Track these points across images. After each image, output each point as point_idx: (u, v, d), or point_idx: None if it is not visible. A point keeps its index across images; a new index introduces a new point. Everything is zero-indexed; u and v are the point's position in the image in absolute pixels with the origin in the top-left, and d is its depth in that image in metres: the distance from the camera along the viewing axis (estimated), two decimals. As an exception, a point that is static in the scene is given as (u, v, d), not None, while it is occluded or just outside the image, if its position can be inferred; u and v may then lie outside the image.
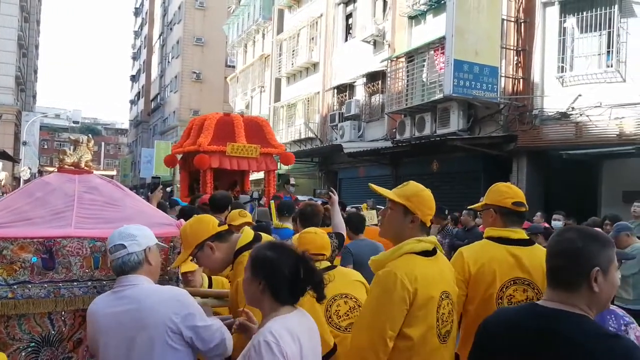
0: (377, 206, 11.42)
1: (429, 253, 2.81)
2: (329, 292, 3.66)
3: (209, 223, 3.21)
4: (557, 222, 9.74)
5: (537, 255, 3.13)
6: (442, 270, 2.86)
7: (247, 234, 3.32)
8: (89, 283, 3.02)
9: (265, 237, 3.55)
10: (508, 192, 3.28)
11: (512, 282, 3.08)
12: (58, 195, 3.27)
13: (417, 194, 2.87)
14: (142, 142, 63.85)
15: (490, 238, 3.28)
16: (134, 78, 78.07)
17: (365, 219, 6.29)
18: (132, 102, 78.19)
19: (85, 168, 3.53)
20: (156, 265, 2.79)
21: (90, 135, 4.43)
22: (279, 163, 13.73)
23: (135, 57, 78.50)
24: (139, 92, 71.49)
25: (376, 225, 8.66)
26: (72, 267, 2.97)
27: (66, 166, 3.49)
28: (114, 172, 52.79)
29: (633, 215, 8.83)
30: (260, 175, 16.08)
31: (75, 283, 2.98)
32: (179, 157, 12.88)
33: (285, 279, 2.30)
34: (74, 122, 42.90)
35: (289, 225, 6.36)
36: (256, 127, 12.46)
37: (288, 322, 2.24)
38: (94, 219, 3.23)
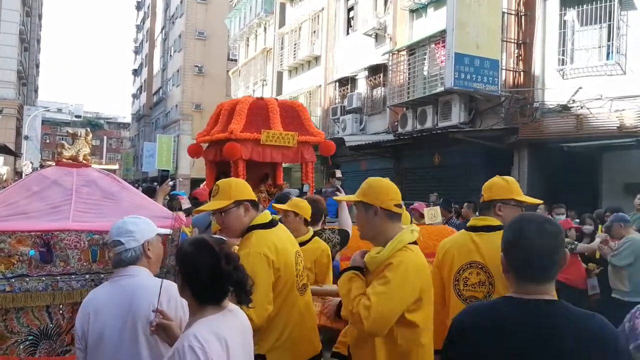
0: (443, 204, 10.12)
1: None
2: None
3: (250, 189, 3.34)
4: (560, 216, 9.64)
5: (493, 240, 3.21)
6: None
7: (266, 215, 3.37)
8: (87, 276, 3.04)
9: (281, 226, 3.56)
10: (484, 188, 3.54)
11: (468, 266, 3.35)
12: (56, 189, 3.30)
13: (371, 186, 2.94)
14: (144, 136, 63.84)
15: (466, 228, 3.56)
16: (136, 72, 78.03)
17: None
18: (134, 96, 78.17)
19: (83, 162, 3.55)
20: (156, 257, 2.80)
21: (89, 128, 4.44)
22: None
23: (137, 51, 78.44)
24: (141, 86, 71.47)
25: (439, 223, 7.95)
26: (70, 260, 3.00)
27: (64, 160, 3.50)
28: (116, 167, 52.92)
29: (636, 207, 8.84)
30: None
31: (74, 276, 3.00)
32: (204, 146, 11.44)
33: (204, 278, 2.20)
34: (76, 116, 43.02)
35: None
36: (293, 113, 11.11)
37: (214, 325, 2.16)
38: (91, 212, 3.25)
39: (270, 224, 3.32)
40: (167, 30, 56.41)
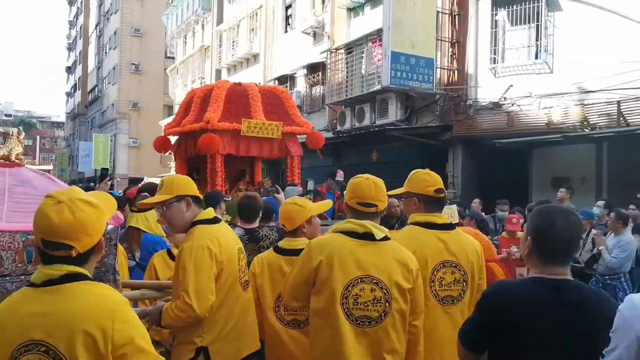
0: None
1: (359, 235, 3.04)
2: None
3: (194, 186, 3.42)
4: (504, 213, 9.83)
5: (460, 239, 3.39)
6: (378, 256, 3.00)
7: (209, 211, 3.44)
8: (22, 277, 2.99)
9: (223, 224, 3.61)
10: (429, 181, 3.44)
11: (441, 265, 3.28)
12: (-13, 189, 3.24)
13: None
14: (79, 135, 62.15)
15: (416, 223, 3.43)
16: (69, 69, 75.75)
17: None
18: (69, 95, 75.90)
19: (16, 161, 3.50)
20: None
21: (20, 127, 4.37)
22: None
23: (70, 48, 76.13)
24: (75, 84, 69.49)
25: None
26: (3, 262, 2.95)
27: (-5, 160, 3.45)
28: (50, 167, 51.29)
29: (557, 200, 9.34)
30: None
31: (8, 278, 2.95)
32: (173, 139, 10.25)
33: None
34: (6, 115, 41.55)
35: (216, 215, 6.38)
36: (275, 100, 9.81)
37: None
38: (26, 212, 3.20)
39: (214, 220, 3.39)
40: (101, 26, 55.09)
